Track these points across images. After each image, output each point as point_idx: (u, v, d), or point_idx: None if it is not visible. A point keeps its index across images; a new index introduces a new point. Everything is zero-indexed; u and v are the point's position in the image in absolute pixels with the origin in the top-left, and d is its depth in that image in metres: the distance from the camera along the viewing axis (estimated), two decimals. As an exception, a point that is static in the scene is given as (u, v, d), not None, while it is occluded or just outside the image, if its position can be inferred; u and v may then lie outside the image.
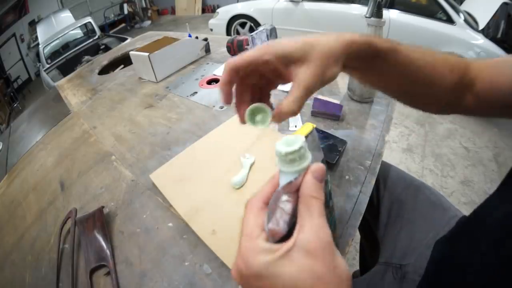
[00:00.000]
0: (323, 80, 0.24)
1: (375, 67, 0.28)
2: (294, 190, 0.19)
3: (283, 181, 0.20)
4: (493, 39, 1.88)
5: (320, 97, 0.64)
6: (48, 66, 3.18)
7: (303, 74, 0.23)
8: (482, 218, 0.29)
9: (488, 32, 1.92)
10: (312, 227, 0.18)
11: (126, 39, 2.92)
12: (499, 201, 0.27)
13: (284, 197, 0.19)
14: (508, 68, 0.30)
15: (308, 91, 0.23)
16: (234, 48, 0.97)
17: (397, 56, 0.27)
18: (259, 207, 0.21)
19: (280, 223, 0.19)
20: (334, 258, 0.18)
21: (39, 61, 3.49)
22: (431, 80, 0.30)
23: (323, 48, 0.23)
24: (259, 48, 0.24)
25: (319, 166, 0.20)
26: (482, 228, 0.28)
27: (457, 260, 0.31)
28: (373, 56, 0.26)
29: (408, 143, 1.88)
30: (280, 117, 0.24)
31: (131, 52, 0.95)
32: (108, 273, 0.39)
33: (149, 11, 6.75)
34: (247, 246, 0.19)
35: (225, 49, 0.99)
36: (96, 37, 3.61)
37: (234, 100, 0.27)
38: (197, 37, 1.08)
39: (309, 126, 0.35)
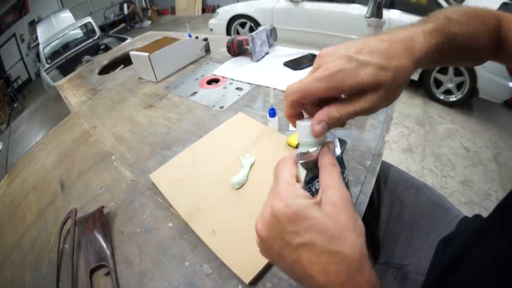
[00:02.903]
0: (388, 104, 0.23)
1: (432, 61, 0.26)
2: (310, 160, 0.23)
3: (301, 150, 0.25)
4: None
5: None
6: (48, 66, 3.18)
7: (371, 97, 0.22)
8: (503, 222, 0.29)
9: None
10: (334, 186, 0.21)
11: (126, 39, 2.93)
12: None
13: (302, 162, 0.23)
14: None
15: (368, 112, 0.23)
16: (234, 48, 0.97)
17: (452, 43, 0.26)
18: (293, 161, 0.24)
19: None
20: (354, 212, 0.20)
21: (39, 61, 3.50)
22: (475, 51, 0.30)
23: (399, 75, 0.21)
24: (322, 79, 0.22)
25: (332, 144, 0.24)
26: (504, 231, 0.27)
27: (471, 259, 0.31)
28: (435, 56, 0.25)
29: (408, 143, 1.88)
30: (324, 125, 0.23)
31: (131, 52, 0.95)
32: (108, 273, 0.39)
33: (149, 11, 6.75)
34: (287, 189, 0.21)
35: (225, 49, 0.99)
36: (96, 37, 3.61)
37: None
38: (197, 37, 1.08)
39: None
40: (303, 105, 0.26)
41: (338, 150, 0.26)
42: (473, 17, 0.29)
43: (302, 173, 0.23)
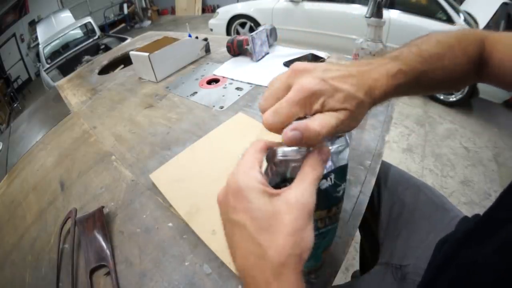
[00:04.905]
0: (348, 129, 0.24)
1: (397, 96, 0.28)
2: (298, 158, 0.22)
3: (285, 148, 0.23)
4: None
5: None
6: (48, 66, 3.18)
7: (339, 115, 0.22)
8: (494, 225, 0.29)
9: (488, 32, 1.92)
10: (299, 189, 0.20)
11: (126, 39, 2.93)
12: None
13: (288, 157, 0.22)
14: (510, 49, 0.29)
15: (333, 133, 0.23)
16: (234, 48, 0.97)
17: (421, 80, 0.27)
18: (263, 147, 0.23)
19: (273, 173, 0.22)
20: (306, 223, 0.19)
21: (39, 61, 3.50)
22: (453, 82, 0.30)
23: (359, 107, 0.23)
24: (298, 103, 0.22)
25: (327, 149, 0.22)
26: (492, 233, 0.28)
27: (462, 260, 0.31)
28: (397, 93, 0.26)
29: (408, 143, 1.88)
30: (296, 135, 0.21)
31: (131, 52, 0.95)
32: (108, 273, 0.39)
33: (149, 11, 6.75)
34: (244, 167, 0.21)
35: (225, 49, 0.99)
36: (96, 37, 3.61)
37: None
38: (197, 37, 1.08)
39: None
40: None
41: (343, 160, 0.24)
42: (452, 48, 0.29)
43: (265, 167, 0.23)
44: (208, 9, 6.27)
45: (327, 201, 0.25)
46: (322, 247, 0.27)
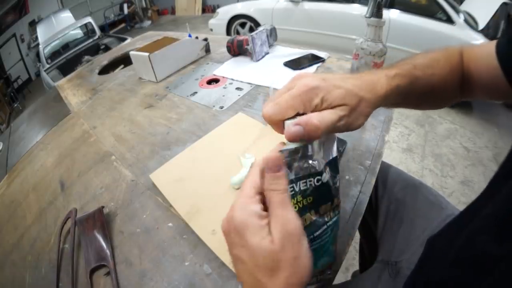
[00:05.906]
0: (350, 128, 0.25)
1: (395, 101, 0.30)
2: (297, 156, 0.23)
3: (286, 147, 0.24)
4: (493, 39, 1.88)
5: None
6: (48, 66, 3.18)
7: (339, 112, 0.24)
8: (469, 217, 0.30)
9: (488, 32, 1.93)
10: (275, 219, 0.20)
11: (126, 39, 2.93)
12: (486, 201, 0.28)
13: (287, 160, 0.23)
14: (482, 59, 0.33)
15: (335, 129, 0.24)
16: (234, 48, 0.97)
17: (415, 85, 0.29)
18: (259, 171, 0.23)
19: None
20: (299, 248, 0.19)
21: (39, 61, 3.50)
22: (442, 91, 0.33)
23: (363, 104, 0.25)
24: (296, 97, 0.23)
25: (269, 156, 0.21)
26: (464, 226, 0.29)
27: (436, 255, 0.32)
28: (398, 96, 0.28)
29: (408, 143, 1.88)
30: (300, 130, 0.22)
31: (131, 52, 0.95)
32: (108, 273, 0.39)
33: (149, 11, 6.75)
34: (241, 201, 0.22)
35: (225, 49, 0.99)
36: (96, 37, 3.62)
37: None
38: (197, 37, 1.08)
39: None
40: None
41: (334, 152, 0.26)
42: (438, 61, 0.32)
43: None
44: (208, 9, 6.27)
45: (330, 193, 0.26)
46: (330, 241, 0.27)
